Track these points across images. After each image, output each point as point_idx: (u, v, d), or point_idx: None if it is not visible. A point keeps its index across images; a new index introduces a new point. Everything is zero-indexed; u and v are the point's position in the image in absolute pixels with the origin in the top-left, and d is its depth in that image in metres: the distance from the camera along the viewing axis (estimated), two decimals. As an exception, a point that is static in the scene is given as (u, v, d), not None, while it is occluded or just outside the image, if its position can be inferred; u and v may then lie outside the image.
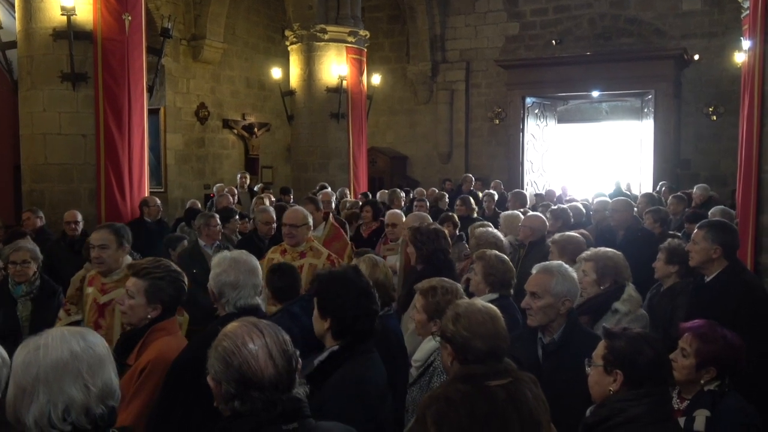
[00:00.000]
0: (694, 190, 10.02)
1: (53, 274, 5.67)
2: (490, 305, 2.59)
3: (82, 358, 1.79)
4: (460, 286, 3.43)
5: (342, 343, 2.67)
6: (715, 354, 2.78)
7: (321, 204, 6.62)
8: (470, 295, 3.78)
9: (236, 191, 10.97)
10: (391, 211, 7.04)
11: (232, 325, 1.95)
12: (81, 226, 7.10)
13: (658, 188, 12.27)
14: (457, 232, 6.46)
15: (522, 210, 7.54)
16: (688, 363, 2.76)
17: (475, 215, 8.49)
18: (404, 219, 6.41)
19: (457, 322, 2.47)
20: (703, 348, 2.80)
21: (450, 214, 7.06)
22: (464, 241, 6.29)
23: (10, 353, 1.91)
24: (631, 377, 2.33)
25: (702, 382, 2.80)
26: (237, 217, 7.64)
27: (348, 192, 11.49)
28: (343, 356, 2.63)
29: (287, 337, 1.96)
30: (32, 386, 1.74)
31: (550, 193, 12.45)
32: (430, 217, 6.24)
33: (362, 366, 2.65)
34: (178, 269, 3.10)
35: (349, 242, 6.47)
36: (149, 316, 2.93)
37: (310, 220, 5.31)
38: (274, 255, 5.20)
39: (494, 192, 10.23)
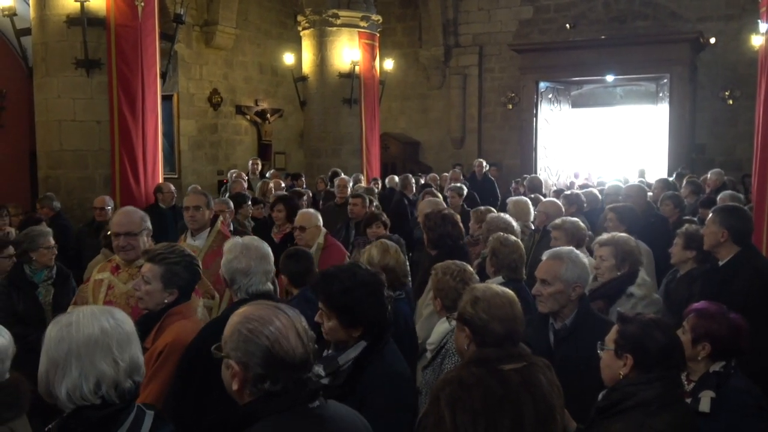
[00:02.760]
0: (708, 175, 9.92)
1: (79, 260, 5.77)
2: (507, 289, 2.61)
3: (112, 334, 1.87)
4: (468, 267, 3.48)
5: (370, 339, 2.58)
6: (707, 328, 2.79)
7: (212, 201, 4.96)
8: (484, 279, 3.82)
9: (247, 177, 10.98)
10: (302, 211, 5.64)
11: (249, 308, 1.91)
12: (110, 211, 7.16)
13: (675, 175, 12.15)
14: (387, 232, 5.64)
15: (533, 196, 7.49)
16: (686, 339, 2.78)
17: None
18: (319, 221, 5.28)
19: (476, 305, 2.49)
20: (698, 323, 2.82)
21: (378, 212, 6.21)
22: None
23: (39, 337, 1.98)
24: (641, 362, 2.34)
25: (699, 358, 2.80)
26: (249, 202, 7.70)
27: (362, 177, 11.49)
28: (374, 351, 2.57)
29: (303, 317, 1.95)
30: (65, 360, 1.82)
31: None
32: (444, 203, 6.23)
33: (393, 359, 2.65)
34: (192, 254, 3.15)
35: None
36: (165, 301, 2.98)
37: (149, 224, 3.87)
38: (101, 275, 3.71)
39: (462, 186, 8.62)
